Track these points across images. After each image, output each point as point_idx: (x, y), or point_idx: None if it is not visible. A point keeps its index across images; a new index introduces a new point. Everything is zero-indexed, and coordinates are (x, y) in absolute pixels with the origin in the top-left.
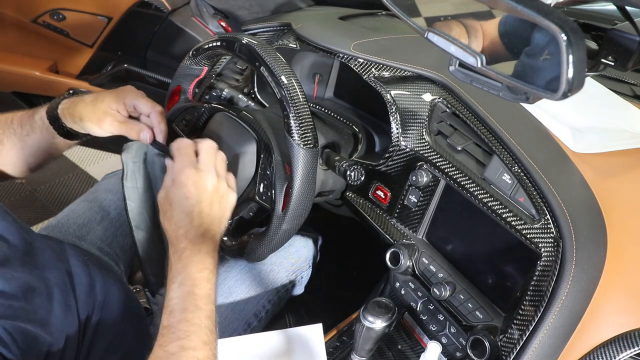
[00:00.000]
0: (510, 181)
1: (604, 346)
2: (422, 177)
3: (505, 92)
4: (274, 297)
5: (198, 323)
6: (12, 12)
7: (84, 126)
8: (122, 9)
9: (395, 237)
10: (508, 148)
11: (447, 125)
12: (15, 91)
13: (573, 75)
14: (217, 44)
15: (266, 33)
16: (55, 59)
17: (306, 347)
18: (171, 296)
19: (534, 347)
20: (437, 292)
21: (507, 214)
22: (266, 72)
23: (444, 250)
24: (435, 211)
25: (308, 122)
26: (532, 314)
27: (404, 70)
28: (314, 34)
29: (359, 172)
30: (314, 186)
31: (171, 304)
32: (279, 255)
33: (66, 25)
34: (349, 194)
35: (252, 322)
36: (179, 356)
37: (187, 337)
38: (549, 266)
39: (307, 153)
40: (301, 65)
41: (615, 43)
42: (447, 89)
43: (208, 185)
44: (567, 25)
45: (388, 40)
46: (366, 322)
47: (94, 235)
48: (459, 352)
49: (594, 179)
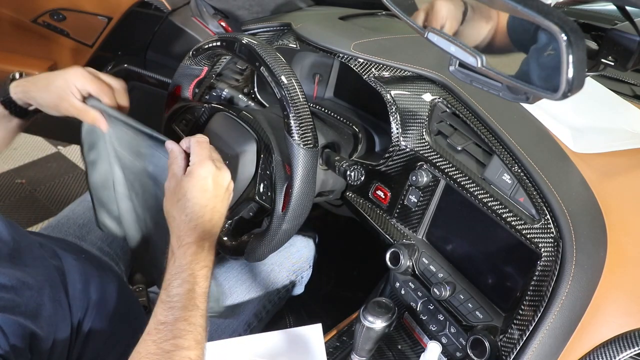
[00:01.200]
0: (510, 181)
1: (604, 346)
2: (422, 177)
3: (505, 92)
4: (274, 297)
5: (194, 322)
6: (12, 12)
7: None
8: (122, 9)
9: (395, 237)
10: (508, 148)
11: (447, 125)
12: None
13: (573, 75)
14: (217, 44)
15: (266, 33)
16: (55, 59)
17: (306, 347)
18: (173, 292)
19: (534, 347)
20: (437, 292)
21: (507, 214)
22: (266, 72)
23: (444, 250)
24: (435, 211)
25: (308, 122)
26: (532, 314)
27: (404, 70)
28: (314, 34)
29: (359, 172)
30: (314, 186)
31: (172, 300)
32: (279, 255)
33: (66, 25)
34: (349, 194)
35: (252, 322)
36: (173, 355)
37: (183, 337)
38: (549, 266)
39: (307, 153)
40: (301, 65)
41: (615, 43)
42: (447, 89)
43: (225, 182)
44: (567, 25)
45: (388, 40)
46: (366, 322)
47: (94, 235)
48: (459, 352)
49: (594, 179)
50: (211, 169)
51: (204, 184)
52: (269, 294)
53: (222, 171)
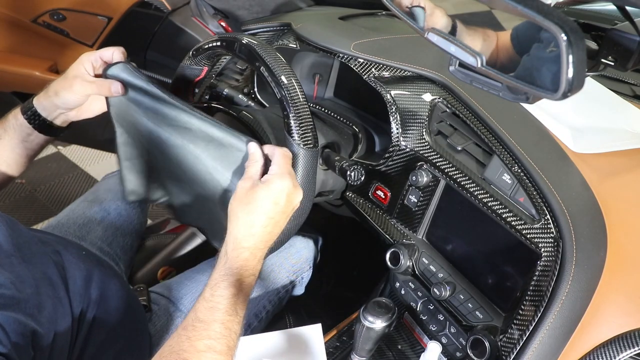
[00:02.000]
0: (510, 181)
1: (604, 346)
2: (422, 177)
3: (505, 92)
4: (275, 298)
5: (231, 328)
6: (12, 12)
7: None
8: (122, 9)
9: (395, 237)
10: (508, 148)
11: (447, 125)
12: (15, 91)
13: (573, 75)
14: (217, 44)
15: (266, 33)
16: (55, 59)
17: (306, 347)
18: (218, 293)
19: (534, 347)
20: (437, 292)
21: (507, 214)
22: (266, 72)
23: (444, 250)
24: (435, 211)
25: (308, 122)
26: (532, 314)
27: (404, 70)
28: (314, 34)
29: (359, 172)
30: (314, 186)
31: (215, 300)
32: (279, 255)
33: (66, 25)
34: (349, 194)
35: (252, 322)
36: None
37: (217, 339)
38: (549, 266)
39: (307, 153)
40: (301, 65)
41: (615, 43)
42: (447, 89)
43: (296, 201)
44: (567, 25)
45: (388, 40)
46: (366, 322)
47: (94, 235)
48: (459, 352)
49: (594, 179)
50: (289, 185)
51: (278, 197)
52: (268, 295)
53: (296, 190)
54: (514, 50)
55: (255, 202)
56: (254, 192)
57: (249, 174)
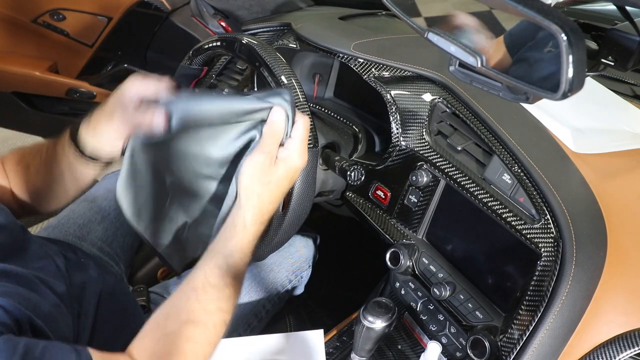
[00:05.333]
0: (510, 181)
1: (604, 346)
2: (422, 177)
3: (505, 92)
4: (274, 297)
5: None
6: (12, 12)
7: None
8: (122, 9)
9: (395, 237)
10: (508, 148)
11: (447, 125)
12: (15, 91)
13: (573, 75)
14: (217, 44)
15: (266, 33)
16: (55, 59)
17: (306, 353)
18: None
19: (534, 347)
20: (437, 292)
21: (507, 214)
22: (266, 72)
23: (444, 250)
24: (435, 211)
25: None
26: (532, 314)
27: (404, 70)
28: (314, 34)
29: (359, 172)
30: (314, 186)
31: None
32: (279, 255)
33: (66, 25)
34: (349, 194)
35: (252, 321)
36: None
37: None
38: (549, 266)
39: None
40: (301, 65)
41: (615, 43)
42: (447, 89)
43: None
44: (567, 25)
45: (388, 40)
46: (366, 322)
47: (94, 235)
48: (459, 352)
49: (594, 179)
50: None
51: (294, 177)
52: (268, 294)
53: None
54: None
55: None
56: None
57: (268, 147)
